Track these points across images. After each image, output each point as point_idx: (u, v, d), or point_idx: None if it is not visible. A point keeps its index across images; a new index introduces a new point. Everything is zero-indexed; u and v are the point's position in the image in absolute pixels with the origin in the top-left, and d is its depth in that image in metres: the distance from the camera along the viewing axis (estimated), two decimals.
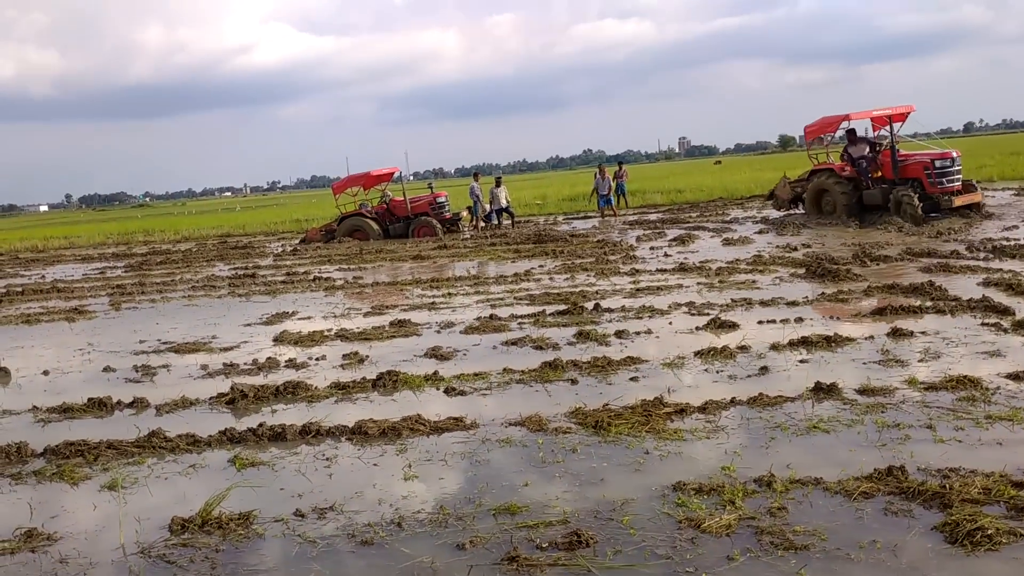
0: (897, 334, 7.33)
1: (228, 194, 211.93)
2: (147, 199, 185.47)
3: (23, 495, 5.14)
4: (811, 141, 20.81)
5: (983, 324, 7.50)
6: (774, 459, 4.77)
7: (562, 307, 9.93)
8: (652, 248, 15.79)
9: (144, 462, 5.53)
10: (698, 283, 11.15)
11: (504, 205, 24.41)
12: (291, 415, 6.37)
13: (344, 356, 8.22)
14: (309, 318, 10.79)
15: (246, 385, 7.01)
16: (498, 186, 24.28)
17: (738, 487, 4.41)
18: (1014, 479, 4.27)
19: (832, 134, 19.93)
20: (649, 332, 8.30)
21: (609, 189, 26.43)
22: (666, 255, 14.56)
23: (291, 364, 8.07)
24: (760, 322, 8.36)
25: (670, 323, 8.69)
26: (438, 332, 9.23)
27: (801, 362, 6.80)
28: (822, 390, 5.84)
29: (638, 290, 10.88)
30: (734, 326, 8.22)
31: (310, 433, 5.79)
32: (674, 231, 19.31)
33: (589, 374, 6.89)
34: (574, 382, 6.69)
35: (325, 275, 15.51)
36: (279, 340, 9.33)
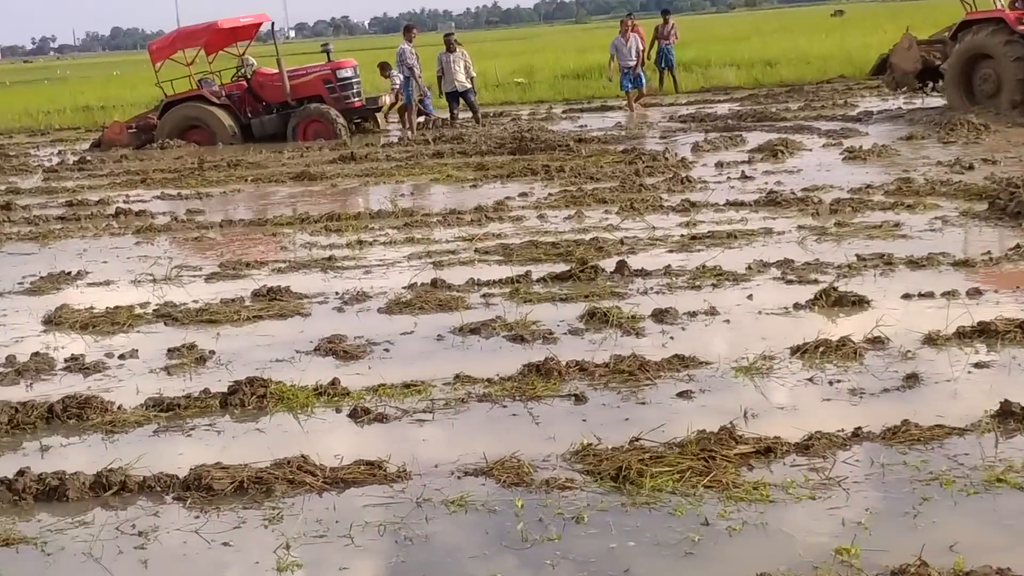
0: None
1: None
2: None
3: None
4: None
5: None
6: (929, 536, 4.82)
7: (560, 267, 9.96)
8: (719, 165, 15.89)
9: None
10: (799, 227, 11.23)
11: (463, 86, 24.32)
12: (76, 456, 6.33)
13: (170, 351, 8.22)
14: (107, 284, 10.78)
15: None
16: (450, 50, 24.20)
17: None
18: None
19: None
20: (712, 312, 8.36)
21: (640, 58, 26.38)
22: (744, 177, 14.65)
23: (76, 365, 8.06)
24: (906, 296, 8.45)
25: (749, 297, 8.76)
26: (339, 310, 9.25)
27: (977, 367, 6.86)
28: (1013, 416, 5.91)
29: (694, 238, 10.94)
30: (861, 303, 8.30)
31: (109, 488, 5.77)
32: (759, 135, 19.39)
33: (607, 386, 6.92)
34: (580, 399, 6.73)
35: (137, 208, 15.45)
36: (54, 323, 9.32)
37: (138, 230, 13.71)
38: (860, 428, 5.90)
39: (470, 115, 24.79)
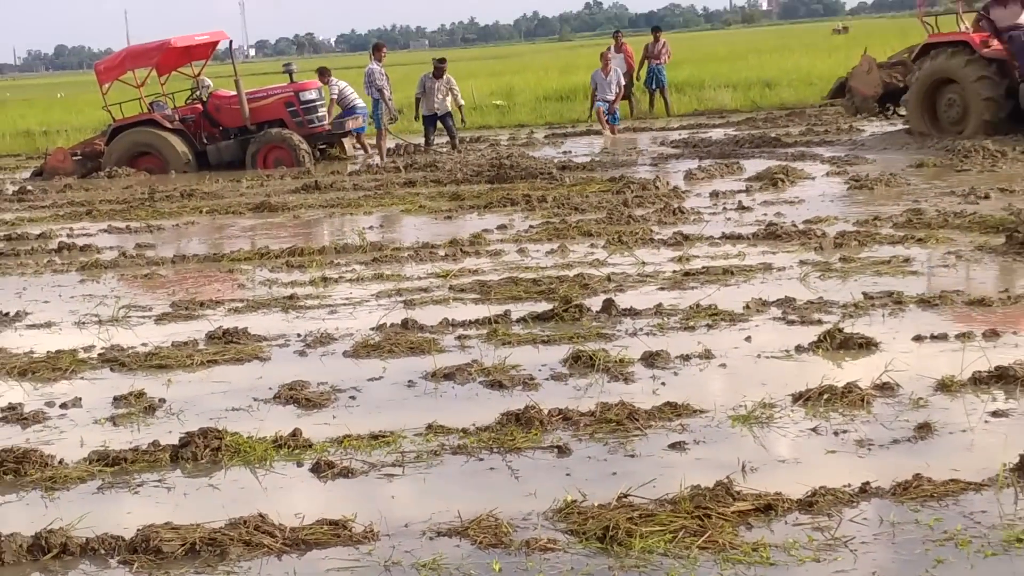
0: None
1: None
2: None
3: None
4: None
5: None
6: None
7: (542, 306, 9.97)
8: (715, 194, 15.97)
9: None
10: (802, 262, 11.28)
11: (443, 109, 24.42)
12: (12, 515, 6.31)
13: (117, 400, 8.19)
14: (49, 325, 10.76)
15: None
16: (437, 76, 24.29)
17: None
18: None
19: None
20: (707, 356, 8.38)
21: (620, 86, 26.65)
22: (741, 207, 14.72)
23: (13, 415, 8.03)
24: (918, 338, 8.48)
25: (747, 339, 8.79)
26: (301, 354, 9.25)
27: (994, 416, 6.88)
28: None
29: (687, 275, 10.97)
30: (869, 346, 8.32)
31: (49, 550, 5.73)
32: (757, 162, 19.51)
33: (592, 437, 6.91)
34: (563, 452, 6.72)
35: (81, 242, 15.44)
36: None
37: (83, 267, 13.68)
38: (868, 483, 5.89)
39: (446, 139, 24.91)
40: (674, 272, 11.15)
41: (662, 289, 10.55)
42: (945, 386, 7.35)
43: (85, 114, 38.90)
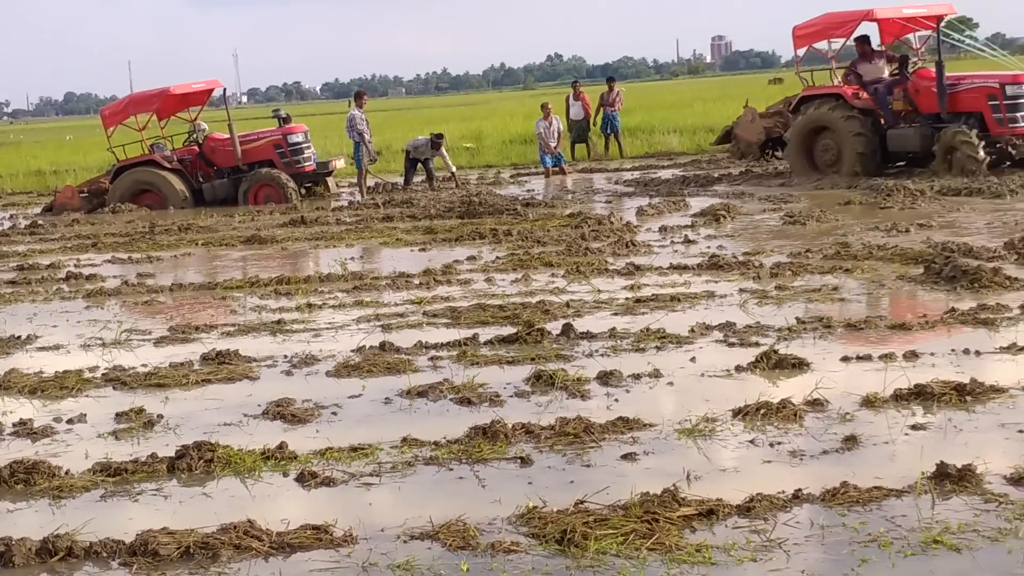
0: None
1: None
2: None
3: None
4: (803, 49, 22.20)
5: None
6: None
7: (507, 330, 9.97)
8: (663, 229, 15.99)
9: None
10: (741, 290, 11.31)
11: (424, 155, 24.46)
12: (22, 521, 6.27)
13: (118, 416, 8.15)
14: (57, 348, 10.69)
15: None
16: (434, 147, 24.30)
17: None
18: None
19: (846, 40, 21.35)
20: (656, 375, 8.39)
21: (559, 133, 26.86)
22: (687, 241, 14.75)
23: (24, 430, 7.98)
24: (845, 359, 8.51)
25: (692, 359, 8.80)
26: (288, 373, 9.21)
27: (914, 429, 6.91)
28: (949, 477, 5.94)
29: (638, 301, 10.99)
30: (801, 365, 8.35)
31: (56, 554, 5.70)
32: (702, 199, 19.56)
33: (552, 448, 6.91)
34: (526, 462, 6.71)
35: (87, 271, 15.35)
36: (2, 386, 9.25)
37: (88, 294, 13.62)
38: (800, 490, 5.91)
39: (424, 179, 24.92)
40: (626, 299, 11.16)
41: (616, 314, 10.56)
42: (869, 402, 7.39)
43: (91, 155, 38.72)
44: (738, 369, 8.40)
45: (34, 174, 36.41)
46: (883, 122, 19.99)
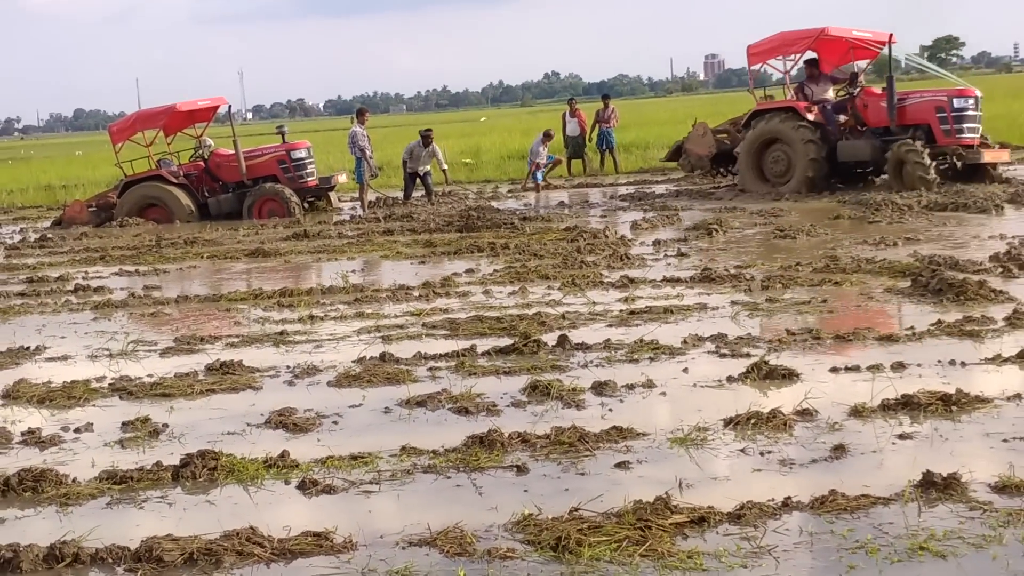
0: None
1: None
2: None
3: None
4: (756, 67, 23.13)
5: None
6: None
7: (504, 341, 9.96)
8: (657, 243, 15.99)
9: None
10: (733, 302, 11.31)
11: (423, 169, 24.56)
12: (31, 527, 6.25)
13: (124, 425, 8.13)
14: (65, 358, 10.67)
15: None
16: (425, 145, 24.40)
17: None
18: None
19: (798, 55, 22.06)
20: (649, 385, 8.38)
21: (539, 156, 27.23)
22: (680, 254, 14.75)
23: (32, 439, 7.95)
24: (834, 370, 8.51)
25: (685, 370, 8.79)
26: (290, 384, 9.20)
27: (901, 438, 6.91)
28: (935, 485, 5.94)
29: (632, 313, 10.99)
30: (791, 376, 8.35)
31: (63, 559, 5.69)
32: (694, 213, 19.56)
33: (548, 457, 6.90)
34: (522, 470, 6.70)
35: (95, 284, 15.34)
36: (12, 396, 9.22)
37: (96, 306, 13.60)
38: (790, 498, 5.91)
39: (423, 193, 24.96)
40: (621, 311, 11.16)
41: (610, 326, 10.56)
42: (858, 412, 7.38)
43: (100, 170, 38.72)
44: (729, 379, 8.40)
45: (44, 189, 36.43)
46: (832, 137, 20.74)
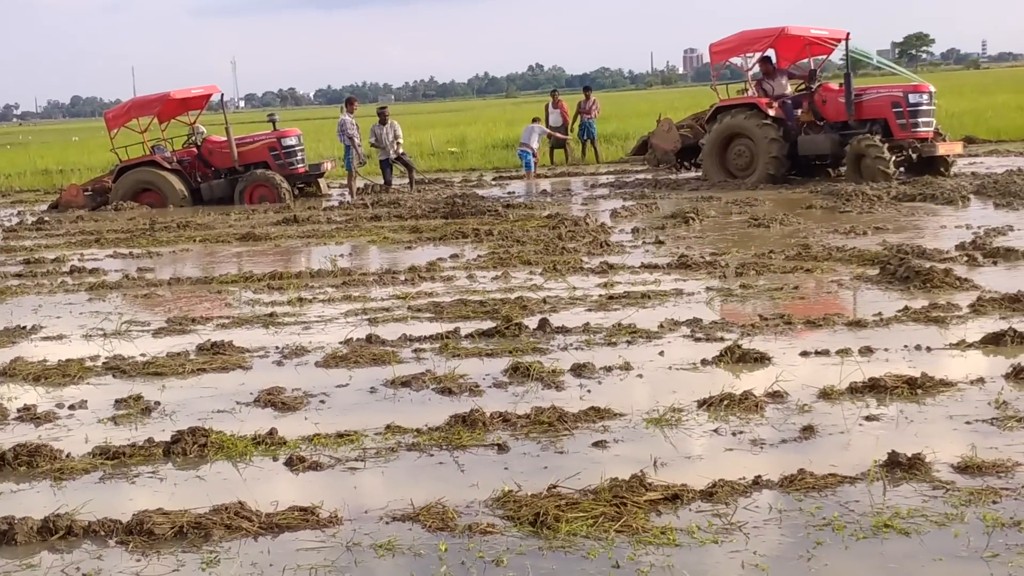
0: (1022, 377, 7.57)
1: None
2: None
3: None
4: (719, 65, 23.45)
5: None
6: None
7: (487, 324, 9.97)
8: (636, 230, 16.01)
9: None
10: (708, 288, 11.34)
11: (394, 153, 24.48)
12: (25, 501, 6.25)
13: (118, 402, 8.13)
14: (60, 338, 10.65)
15: None
16: (383, 123, 24.33)
17: None
18: None
19: (760, 53, 22.21)
20: (626, 367, 8.40)
21: (537, 140, 27.26)
22: (658, 242, 14.76)
23: (27, 415, 7.96)
24: (804, 354, 8.54)
25: (661, 353, 8.81)
26: (279, 364, 9.19)
27: (867, 420, 6.95)
28: (900, 465, 5.97)
29: (611, 298, 11.00)
30: (763, 359, 8.38)
31: (56, 532, 5.69)
32: (671, 202, 19.58)
33: (528, 436, 6.92)
34: (502, 449, 6.72)
35: (90, 266, 15.29)
36: (8, 374, 9.21)
37: (91, 287, 13.57)
38: (760, 476, 5.93)
39: (406, 181, 24.94)
40: (600, 296, 11.17)
41: (590, 310, 10.57)
42: (826, 394, 7.41)
43: (96, 155, 38.58)
44: (704, 363, 8.42)
45: (41, 173, 36.30)
46: (792, 131, 20.98)
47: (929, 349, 8.53)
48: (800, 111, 21.07)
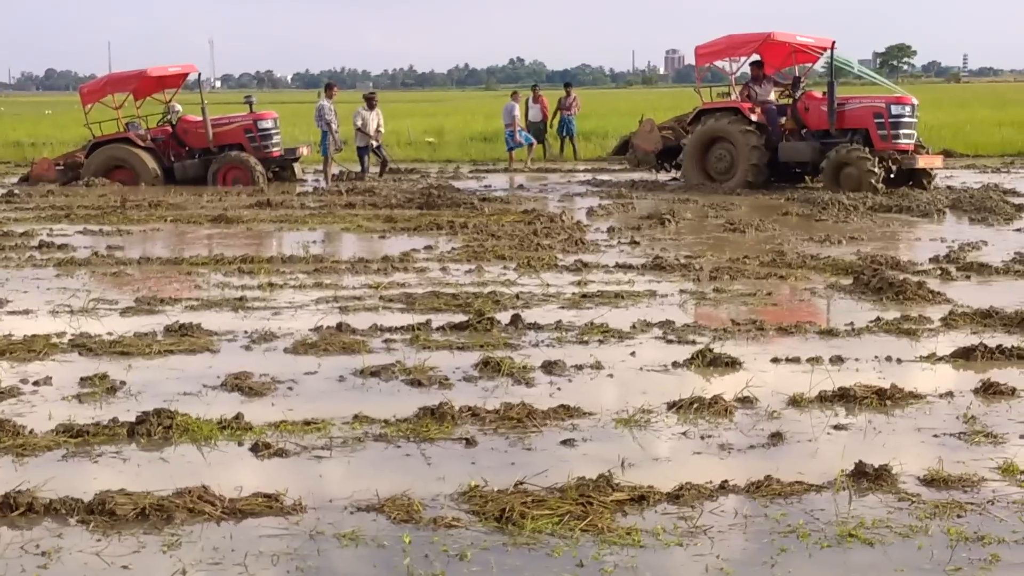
0: (991, 392, 7.64)
1: None
2: None
3: None
4: (704, 67, 23.54)
5: None
6: None
7: (459, 317, 9.97)
8: (611, 229, 16.02)
9: None
10: (681, 291, 11.36)
11: (377, 141, 24.45)
12: None
13: (83, 380, 8.09)
14: (26, 312, 10.59)
15: None
16: (370, 108, 24.32)
17: None
18: None
19: (745, 57, 22.30)
20: (597, 367, 8.42)
21: (516, 121, 27.29)
22: (633, 242, 14.78)
23: None
24: (775, 360, 8.58)
25: (632, 353, 8.83)
26: (247, 348, 9.17)
27: (836, 429, 6.99)
28: (866, 476, 6.01)
29: (584, 297, 11.02)
30: (733, 364, 8.41)
31: (16, 508, 5.67)
32: (648, 202, 19.62)
33: (496, 431, 6.93)
34: (470, 443, 6.72)
35: (59, 241, 15.19)
36: None
37: (59, 263, 13.49)
38: (727, 481, 5.96)
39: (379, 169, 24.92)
40: (573, 294, 11.19)
41: (562, 308, 10.58)
42: (796, 402, 7.46)
43: (69, 130, 38.30)
44: (675, 365, 8.45)
45: (12, 145, 36.01)
46: (773, 137, 21.01)
47: (899, 361, 8.58)
48: (783, 118, 21.12)
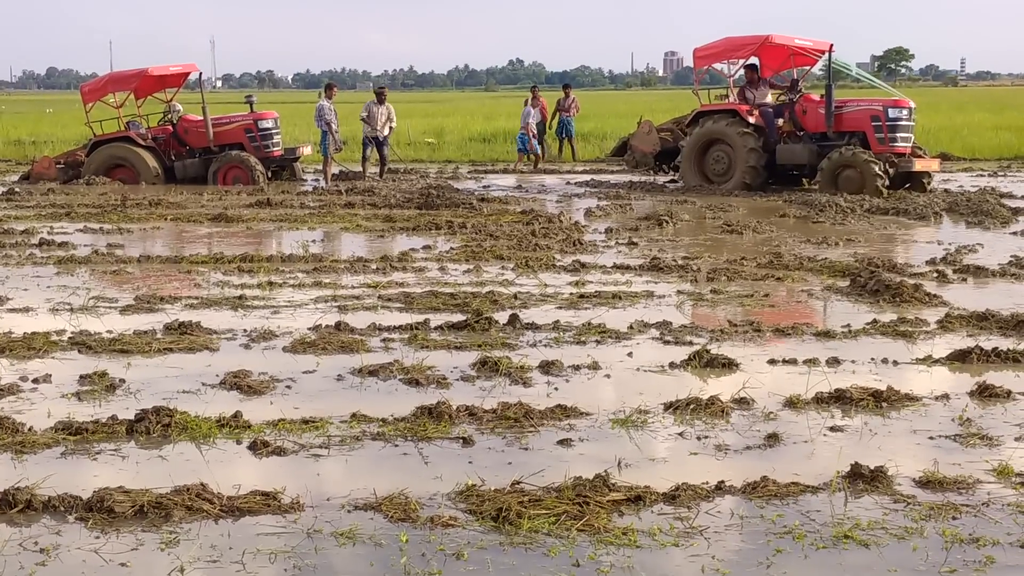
0: (986, 394, 7.64)
1: None
2: None
3: None
4: (702, 69, 23.42)
5: None
6: None
7: (457, 317, 9.96)
8: (609, 230, 16.01)
9: None
10: (679, 292, 11.36)
11: (381, 135, 24.45)
12: None
13: (82, 378, 8.09)
14: (26, 310, 10.58)
15: None
16: (380, 102, 24.38)
17: None
18: None
19: (743, 60, 22.34)
20: (595, 367, 8.42)
21: (530, 127, 27.16)
22: (631, 243, 14.78)
23: None
24: (772, 361, 8.57)
25: (629, 354, 8.83)
26: (246, 347, 9.17)
27: (832, 430, 6.99)
28: (862, 477, 6.01)
29: (582, 297, 11.01)
30: (730, 365, 8.40)
31: (15, 505, 5.67)
32: (646, 203, 19.62)
33: (493, 431, 6.93)
34: (467, 442, 6.73)
35: (59, 239, 15.18)
36: None
37: (59, 261, 13.48)
38: (723, 482, 5.96)
39: (376, 170, 24.93)
40: (571, 294, 11.19)
41: (560, 308, 10.58)
42: (792, 403, 7.46)
43: (70, 128, 38.29)
44: (672, 366, 8.45)
45: (13, 144, 36.00)
46: (771, 139, 21.04)
47: (896, 363, 8.58)
48: (781, 120, 21.11)
